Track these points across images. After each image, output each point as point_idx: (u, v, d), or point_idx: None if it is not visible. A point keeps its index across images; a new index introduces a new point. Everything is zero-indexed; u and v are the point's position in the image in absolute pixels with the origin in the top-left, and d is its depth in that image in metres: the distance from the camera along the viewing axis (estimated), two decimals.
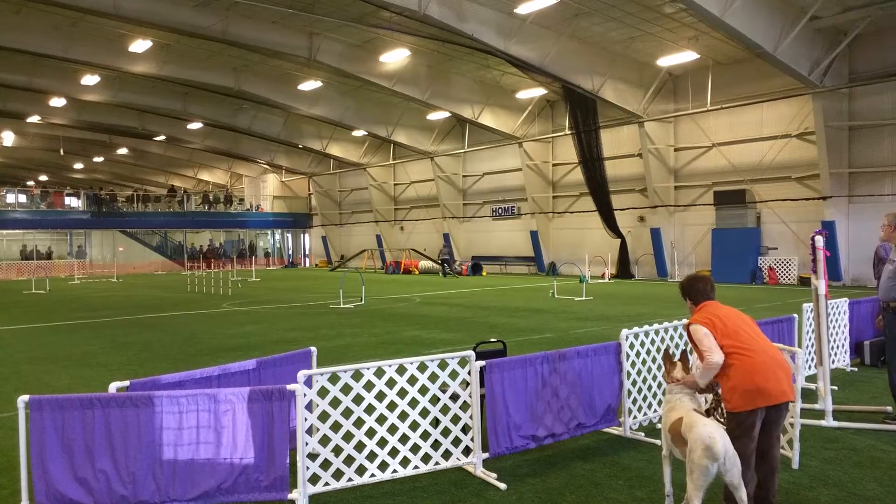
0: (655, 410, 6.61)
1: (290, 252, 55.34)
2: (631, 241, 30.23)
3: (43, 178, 62.14)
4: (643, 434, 6.31)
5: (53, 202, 45.97)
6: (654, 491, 4.96)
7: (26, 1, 21.59)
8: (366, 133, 38.37)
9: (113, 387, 4.80)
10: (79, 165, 57.20)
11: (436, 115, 34.34)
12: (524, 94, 30.32)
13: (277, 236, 56.26)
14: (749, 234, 26.05)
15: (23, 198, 46.25)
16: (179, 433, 4.61)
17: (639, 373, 6.47)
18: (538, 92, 29.84)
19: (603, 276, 29.98)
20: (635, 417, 6.42)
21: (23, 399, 4.45)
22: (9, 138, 44.85)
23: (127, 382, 4.90)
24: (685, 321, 6.76)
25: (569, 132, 30.24)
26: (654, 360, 6.61)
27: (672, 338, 6.78)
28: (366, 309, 18.30)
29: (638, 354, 6.46)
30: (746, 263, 25.95)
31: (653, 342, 6.60)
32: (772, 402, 4.17)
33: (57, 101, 34.32)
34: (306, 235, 54.79)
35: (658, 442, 6.03)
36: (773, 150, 25.56)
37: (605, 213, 30.12)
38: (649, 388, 6.60)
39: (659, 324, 6.70)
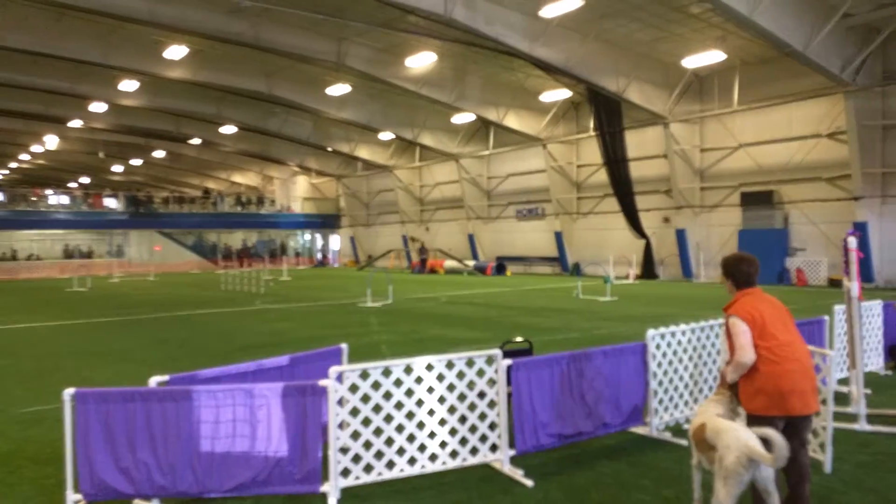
0: (682, 411, 6.61)
1: (321, 251, 55.97)
2: (655, 242, 30.02)
3: (84, 180, 63.64)
4: (670, 434, 6.33)
5: (94, 203, 47.12)
6: (681, 491, 4.96)
7: (67, 9, 22.17)
8: (393, 136, 38.67)
9: (153, 381, 5.01)
10: (118, 168, 58.54)
11: (461, 118, 34.45)
12: (549, 96, 30.32)
13: (307, 236, 56.97)
14: (776, 236, 25.72)
15: (65, 199, 47.52)
16: (216, 426, 4.80)
17: (665, 373, 6.47)
18: (563, 94, 29.80)
19: (627, 277, 29.80)
20: (662, 418, 6.43)
21: (69, 392, 4.68)
22: (52, 142, 46.10)
23: (166, 377, 5.10)
24: (721, 320, 6.81)
25: (593, 134, 30.14)
26: (680, 360, 6.61)
27: (699, 339, 6.74)
28: (393, 308, 18.50)
29: (664, 355, 6.46)
30: (774, 265, 25.61)
31: (679, 343, 6.59)
32: (794, 414, 4.10)
33: (97, 106, 35.19)
34: (335, 236, 55.37)
35: (685, 443, 6.07)
36: (802, 150, 25.20)
37: (629, 214, 29.97)
38: (675, 388, 6.59)
39: (686, 324, 6.70)
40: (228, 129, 41.30)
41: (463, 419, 5.44)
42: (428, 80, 28.77)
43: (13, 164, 57.78)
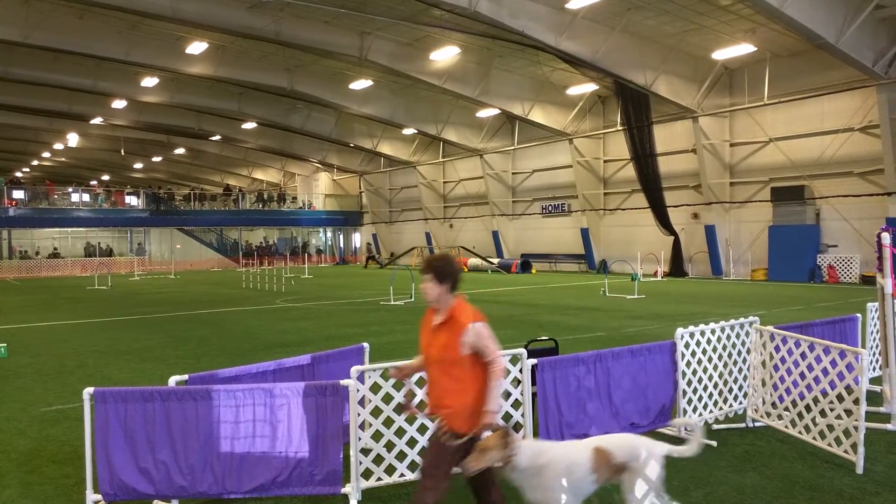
0: (711, 411, 6.49)
1: (342, 249, 56.20)
2: (684, 239, 29.57)
3: (105, 177, 64.49)
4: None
5: (115, 201, 47.67)
6: (709, 493, 4.86)
7: (90, 6, 22.37)
8: (415, 131, 38.60)
9: (172, 381, 4.93)
10: (138, 165, 59.20)
11: (485, 113, 34.28)
12: (575, 90, 29.98)
13: (329, 234, 57.17)
14: (808, 232, 25.17)
15: (86, 197, 48.12)
16: (236, 426, 4.71)
17: (694, 372, 6.34)
18: (589, 87, 29.46)
19: (655, 274, 29.43)
20: (691, 418, 6.27)
21: (88, 391, 4.63)
22: (73, 139, 46.72)
23: (185, 376, 5.03)
24: (751, 318, 6.61)
25: (621, 128, 29.74)
26: (710, 359, 6.48)
27: (728, 337, 6.60)
28: (416, 306, 18.40)
29: (693, 354, 6.34)
30: (805, 261, 25.10)
31: (709, 341, 6.46)
32: None
33: (118, 103, 35.60)
34: (357, 233, 55.51)
35: (715, 443, 5.91)
36: (833, 144, 24.62)
37: (657, 209, 29.55)
38: (705, 388, 6.46)
39: (715, 323, 6.54)
40: (249, 126, 41.53)
41: None
42: (452, 74, 28.62)
43: (35, 162, 58.66)
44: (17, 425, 7.04)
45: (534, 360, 5.44)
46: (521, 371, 5.39)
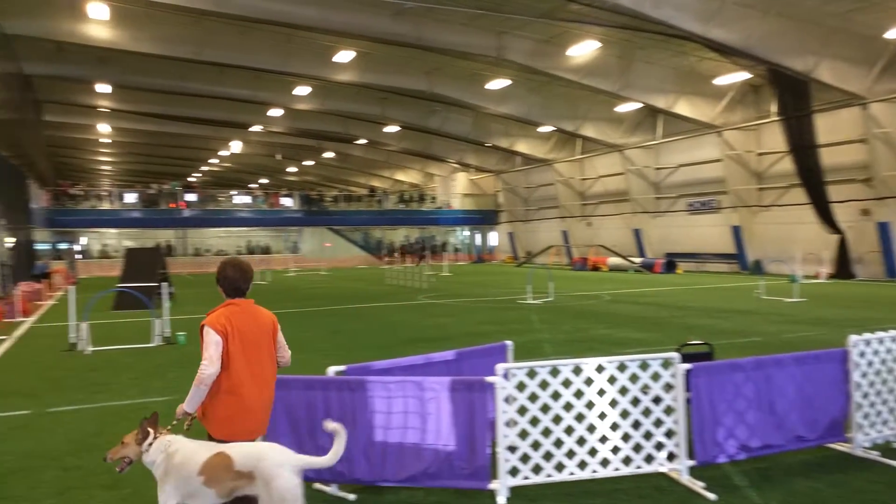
0: (892, 427, 5.86)
1: (479, 247, 56.86)
2: (852, 237, 26.96)
3: (263, 180, 69.58)
4: (878, 454, 5.60)
5: (272, 202, 51.38)
6: None
7: (252, 22, 24.22)
8: (553, 128, 38.20)
9: (331, 371, 5.23)
10: (292, 169, 63.34)
11: (625, 107, 33.23)
12: (724, 80, 28.26)
13: (466, 232, 58.09)
14: None
15: (247, 199, 52.31)
16: (388, 417, 4.91)
17: (871, 384, 5.76)
18: (740, 76, 27.64)
19: (817, 276, 27.13)
20: (867, 434, 5.71)
21: None
22: (236, 146, 50.89)
23: (344, 367, 5.31)
24: None
25: (776, 118, 27.67)
26: (890, 371, 5.86)
27: None
28: (554, 305, 18.22)
29: (870, 364, 5.76)
30: None
31: (889, 351, 5.83)
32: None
33: (275, 112, 38.34)
34: (493, 232, 55.93)
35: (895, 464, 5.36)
36: None
37: (819, 206, 27.19)
38: (884, 401, 5.84)
39: (895, 331, 5.91)
40: (392, 129, 43.08)
41: (637, 424, 5.16)
42: (590, 69, 28.02)
43: (204, 168, 64.44)
44: None
45: (688, 365, 5.20)
46: (673, 376, 5.17)
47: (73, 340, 12.50)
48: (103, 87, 32.50)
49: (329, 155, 54.82)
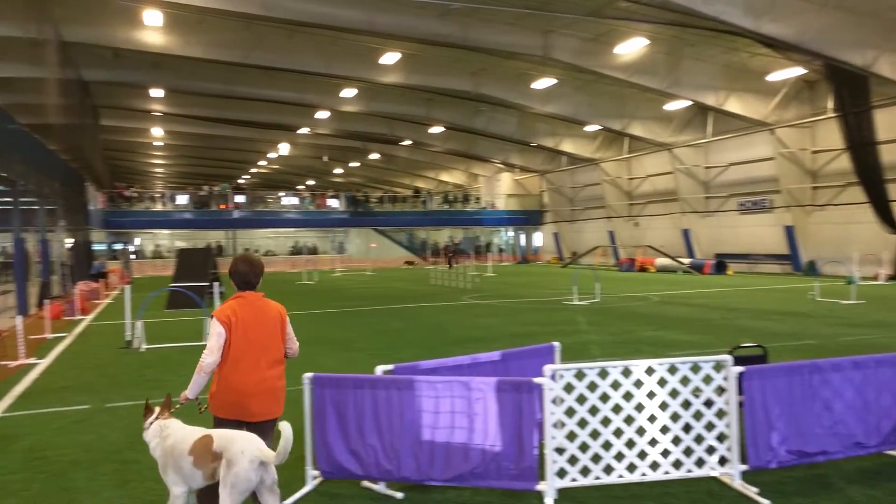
0: None
1: (524, 248, 56.58)
2: None
3: (310, 182, 70.66)
4: None
5: (319, 204, 52.18)
6: None
7: (298, 25, 24.62)
8: (599, 128, 37.76)
9: (379, 370, 5.28)
10: (338, 170, 64.16)
11: (674, 105, 32.62)
12: (777, 76, 27.48)
13: (511, 233, 57.89)
14: None
15: (295, 200, 53.22)
16: (436, 416, 4.93)
17: None
18: (794, 72, 26.83)
19: (876, 278, 26.17)
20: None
21: (308, 376, 5.13)
22: (284, 148, 51.80)
23: (391, 366, 5.36)
24: None
25: (832, 115, 26.78)
26: None
27: None
28: (601, 306, 18.01)
29: None
30: None
31: None
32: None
33: (321, 114, 38.89)
34: (538, 232, 55.59)
35: None
36: None
37: (879, 205, 26.21)
38: None
39: None
40: (437, 130, 43.20)
41: (687, 428, 5.07)
42: (638, 67, 27.59)
43: (253, 170, 65.79)
44: None
45: (741, 368, 5.08)
46: (725, 379, 5.06)
47: (129, 338, 12.92)
48: (157, 92, 33.53)
49: (374, 156, 55.31)
